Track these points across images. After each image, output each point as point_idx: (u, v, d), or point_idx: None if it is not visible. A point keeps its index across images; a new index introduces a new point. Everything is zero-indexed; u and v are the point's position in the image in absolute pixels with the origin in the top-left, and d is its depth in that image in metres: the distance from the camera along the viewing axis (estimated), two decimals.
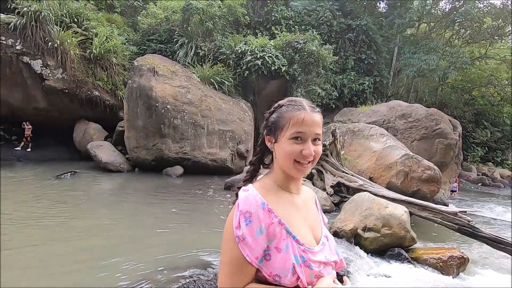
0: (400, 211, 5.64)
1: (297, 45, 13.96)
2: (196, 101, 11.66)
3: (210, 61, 13.69)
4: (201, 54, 13.97)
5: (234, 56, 13.71)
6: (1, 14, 12.01)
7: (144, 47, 15.10)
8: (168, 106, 11.19)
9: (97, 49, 13.06)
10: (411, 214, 6.28)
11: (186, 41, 14.16)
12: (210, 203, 8.25)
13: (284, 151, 1.00)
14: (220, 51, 14.01)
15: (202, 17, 13.99)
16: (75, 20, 13.23)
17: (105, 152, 11.85)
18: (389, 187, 8.18)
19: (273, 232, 0.95)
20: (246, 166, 12.47)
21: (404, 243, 5.53)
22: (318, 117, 1.03)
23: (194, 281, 4.32)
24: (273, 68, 13.09)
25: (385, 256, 5.54)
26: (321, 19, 18.45)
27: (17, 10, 11.70)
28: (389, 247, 5.51)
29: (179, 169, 11.39)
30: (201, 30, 14.28)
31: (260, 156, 1.15)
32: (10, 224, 5.87)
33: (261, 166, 1.16)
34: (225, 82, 13.03)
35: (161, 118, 11.09)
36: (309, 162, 1.01)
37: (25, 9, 11.51)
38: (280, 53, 13.77)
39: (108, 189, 9.93)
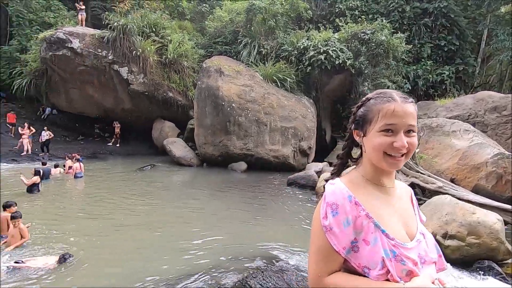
0: (492, 219, 4.90)
1: (364, 36, 13.14)
2: (259, 99, 11.96)
3: (273, 59, 13.86)
4: (263, 52, 14.24)
5: (296, 52, 13.62)
6: (98, 30, 14.18)
7: (211, 49, 16.06)
8: (233, 105, 11.73)
9: (171, 54, 14.41)
10: (506, 223, 5.40)
11: (249, 41, 14.59)
12: (274, 198, 8.40)
13: (374, 144, 0.98)
14: (282, 48, 14.06)
15: (265, 15, 14.22)
16: (153, 29, 14.83)
17: (178, 148, 13.06)
18: (476, 190, 7.15)
19: (360, 225, 0.95)
20: (308, 163, 12.32)
21: (497, 256, 4.78)
22: (411, 107, 0.99)
23: (262, 272, 4.47)
24: (337, 62, 12.59)
25: (471, 268, 4.88)
26: (391, 5, 16.97)
27: (109, 26, 13.64)
28: (476, 259, 4.83)
29: (243, 165, 11.87)
30: (263, 29, 14.54)
31: (347, 150, 1.16)
32: (110, 209, 6.94)
33: (349, 160, 1.16)
34: (287, 79, 13.04)
35: (226, 116, 11.69)
36: (402, 155, 0.97)
37: (115, 23, 13.35)
38: (345, 46, 13.15)
39: (181, 181, 10.94)
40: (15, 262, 3.99)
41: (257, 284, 4.17)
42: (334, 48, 12.72)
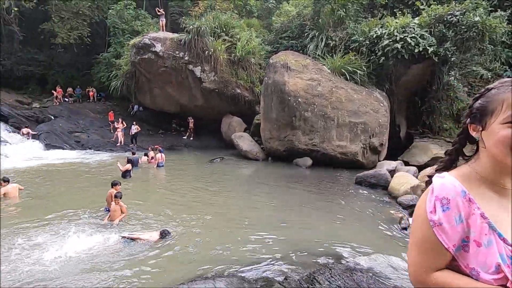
0: None
1: (451, 19, 11.47)
2: (326, 93, 11.60)
3: (341, 51, 13.23)
4: (331, 44, 13.70)
5: (368, 42, 12.72)
6: (176, 34, 15.63)
7: (277, 45, 16.18)
8: (299, 100, 11.64)
9: (240, 52, 15.00)
10: None
11: (317, 33, 14.19)
12: (341, 196, 8.12)
13: (498, 138, 0.89)
14: (352, 39, 13.30)
15: (333, 6, 13.63)
16: (224, 29, 15.64)
17: (245, 142, 13.62)
18: None
19: (473, 224, 0.89)
20: (379, 161, 11.50)
21: None
22: None
23: (330, 269, 4.41)
24: (416, 51, 11.30)
25: None
26: None
27: (185, 29, 14.90)
28: None
29: (308, 160, 11.74)
30: (332, 20, 13.97)
31: (458, 146, 1.07)
32: (189, 195, 7.68)
33: (461, 157, 1.07)
34: (357, 71, 12.31)
35: (292, 111, 11.68)
36: None
37: (190, 27, 14.51)
38: (426, 31, 11.72)
39: (248, 174, 11.42)
40: (128, 235, 4.76)
41: (325, 280, 4.13)
42: (413, 34, 11.47)
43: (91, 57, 20.17)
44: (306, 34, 14.58)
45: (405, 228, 5.89)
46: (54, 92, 19.04)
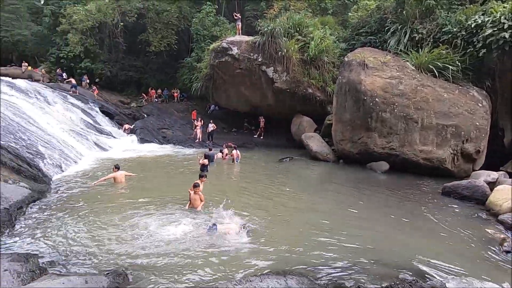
0: None
1: None
2: (409, 92, 10.55)
3: (429, 45, 11.82)
4: (416, 38, 12.35)
5: (464, 33, 11.05)
6: (251, 37, 16.30)
7: (353, 41, 15.40)
8: (376, 99, 10.88)
9: (313, 51, 14.80)
10: None
11: (399, 26, 12.98)
12: (425, 208, 7.30)
13: None
14: (443, 30, 11.75)
15: None
16: (297, 29, 15.64)
17: (315, 142, 13.40)
18: None
19: None
20: (474, 170, 9.95)
21: None
22: None
23: (410, 286, 4.06)
24: None
25: None
26: None
27: (260, 31, 15.42)
28: None
29: (384, 165, 10.88)
30: (418, 10, 12.59)
31: None
32: (262, 192, 8.00)
33: None
34: (449, 67, 10.81)
35: (368, 111, 10.99)
36: None
37: (265, 29, 14.95)
38: None
39: (318, 175, 11.22)
40: (217, 224, 5.21)
41: None
42: None
43: (177, 62, 22.60)
44: (386, 28, 13.49)
45: (509, 252, 4.99)
46: (144, 95, 22.11)
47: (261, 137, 17.82)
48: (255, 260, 4.45)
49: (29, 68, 22.82)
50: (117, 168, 8.11)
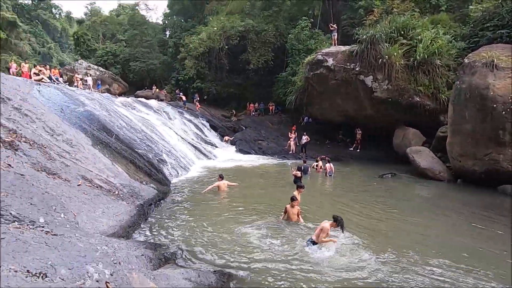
0: None
1: None
2: None
3: None
4: None
5: None
6: (347, 46, 15.75)
7: (476, 38, 12.96)
8: (510, 107, 8.79)
9: (421, 54, 13.18)
10: None
11: None
12: None
13: None
14: None
15: None
16: (401, 32, 14.26)
17: (423, 157, 11.74)
18: None
19: None
20: None
21: None
22: None
23: None
24: None
25: None
26: None
27: (358, 40, 14.75)
28: None
29: None
30: None
31: None
32: (357, 213, 7.53)
33: None
34: None
35: (499, 122, 8.97)
36: None
37: (364, 36, 14.22)
38: None
39: (428, 196, 9.74)
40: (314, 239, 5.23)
41: None
42: None
43: (273, 77, 23.83)
44: None
45: None
46: (233, 111, 24.14)
47: (358, 150, 16.78)
48: (355, 280, 4.21)
49: (157, 90, 28.15)
50: (221, 177, 9.04)
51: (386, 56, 13.61)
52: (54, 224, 3.92)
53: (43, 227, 3.56)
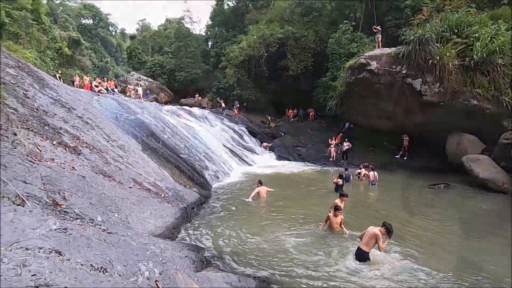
0: None
1: None
2: None
3: None
4: None
5: None
6: (393, 48, 14.95)
7: None
8: None
9: (479, 53, 12.02)
10: None
11: None
12: None
13: None
14: None
15: None
16: (455, 31, 13.16)
17: (483, 167, 10.60)
18: None
19: None
20: None
21: None
22: None
23: None
24: None
25: None
26: None
27: (404, 41, 13.92)
28: None
29: None
30: None
31: None
32: (406, 226, 7.04)
33: None
34: None
35: None
36: None
37: (411, 37, 13.39)
38: None
39: (490, 210, 8.73)
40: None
41: None
42: None
43: (312, 82, 23.51)
44: None
45: None
46: (269, 118, 24.14)
47: (405, 158, 15.71)
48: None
49: (199, 98, 29.45)
50: (260, 183, 9.10)
51: (437, 57, 12.63)
52: (109, 223, 4.27)
53: (100, 225, 3.91)
